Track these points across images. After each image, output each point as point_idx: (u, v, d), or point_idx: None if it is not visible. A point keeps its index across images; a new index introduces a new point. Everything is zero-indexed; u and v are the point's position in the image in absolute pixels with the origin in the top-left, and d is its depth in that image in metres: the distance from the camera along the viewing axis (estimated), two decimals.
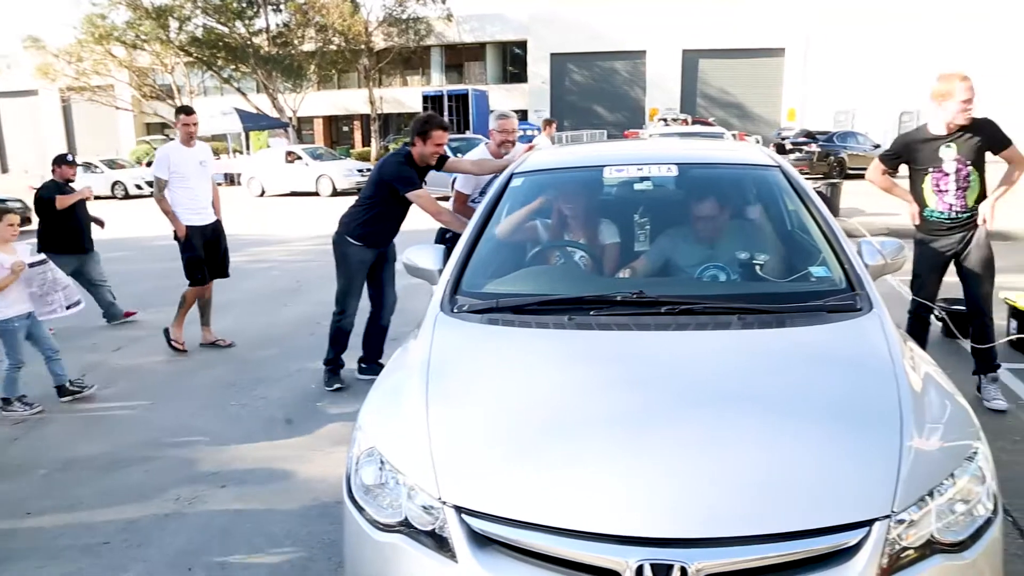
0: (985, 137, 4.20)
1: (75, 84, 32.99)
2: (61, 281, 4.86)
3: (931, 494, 1.82)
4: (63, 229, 6.68)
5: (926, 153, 4.32)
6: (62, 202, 6.57)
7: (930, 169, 4.31)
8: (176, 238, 5.93)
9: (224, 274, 6.25)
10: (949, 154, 4.24)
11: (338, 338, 5.09)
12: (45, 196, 6.66)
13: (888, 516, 1.74)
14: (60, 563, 3.09)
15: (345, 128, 44.23)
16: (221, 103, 32.22)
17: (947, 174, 4.26)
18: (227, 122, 26.49)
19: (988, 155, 4.27)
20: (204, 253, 6.01)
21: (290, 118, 32.62)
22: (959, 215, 4.30)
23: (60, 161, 6.90)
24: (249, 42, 32.10)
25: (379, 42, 36.02)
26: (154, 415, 4.73)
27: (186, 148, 5.93)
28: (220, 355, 5.95)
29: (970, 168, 4.23)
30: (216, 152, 30.18)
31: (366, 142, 40.17)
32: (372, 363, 5.07)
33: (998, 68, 30.31)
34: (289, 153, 23.23)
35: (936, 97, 4.22)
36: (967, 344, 4.99)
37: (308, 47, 34.13)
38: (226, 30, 32.03)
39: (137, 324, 6.99)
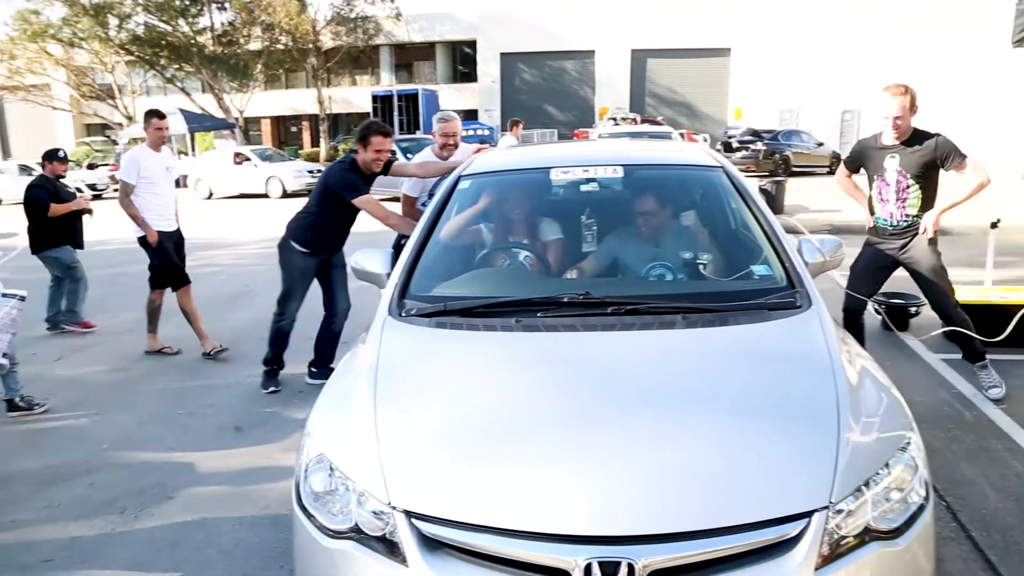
0: (930, 152, 4.27)
1: (8, 83, 31.82)
2: (16, 326, 4.62)
3: (867, 484, 1.89)
4: (57, 226, 6.51)
5: (875, 161, 4.45)
6: (55, 211, 6.39)
7: (875, 177, 4.45)
8: (145, 244, 5.78)
9: (184, 281, 6.06)
10: (892, 164, 4.37)
11: (277, 339, 5.06)
12: (38, 201, 6.42)
13: (827, 507, 1.80)
14: None
15: (293, 128, 43.64)
16: (165, 103, 31.44)
17: (888, 184, 4.40)
18: (171, 123, 25.89)
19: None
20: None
21: (236, 118, 32.00)
22: (899, 224, 4.42)
23: (51, 156, 6.66)
24: (193, 41, 31.38)
25: (327, 41, 35.57)
26: (98, 426, 4.61)
27: (155, 153, 5.81)
28: (166, 363, 5.83)
29: (911, 181, 4.33)
30: None
31: (315, 143, 39.68)
32: (323, 368, 5.03)
33: (940, 68, 31.34)
34: (237, 154, 22.81)
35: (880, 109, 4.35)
36: (906, 337, 5.18)
37: (254, 46, 33.50)
38: (169, 28, 31.23)
39: (80, 333, 6.80)
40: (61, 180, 6.68)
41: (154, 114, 5.86)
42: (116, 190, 26.76)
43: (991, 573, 2.83)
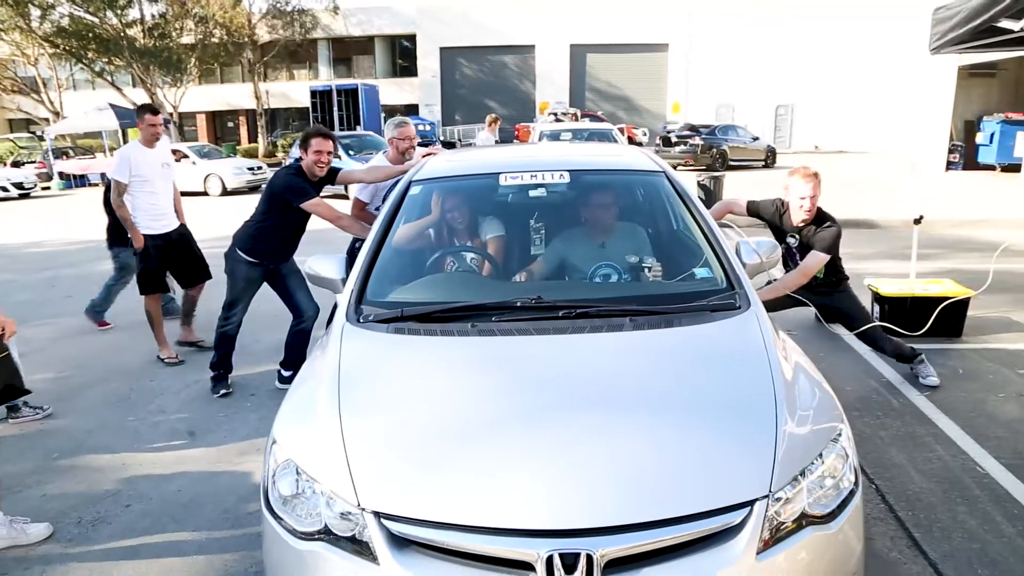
0: (817, 237, 4.65)
1: None
2: None
3: (803, 473, 2.06)
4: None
5: (778, 234, 4.88)
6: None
7: (781, 242, 4.83)
8: (131, 248, 5.69)
9: (206, 276, 5.96)
10: (792, 242, 4.81)
11: (222, 343, 5.05)
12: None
13: (767, 496, 1.96)
14: None
15: (230, 124, 42.70)
16: (94, 97, 30.48)
17: (793, 253, 4.84)
18: (102, 118, 25.05)
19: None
20: (173, 260, 5.80)
21: (171, 113, 31.17)
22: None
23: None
24: (122, 34, 30.40)
25: (263, 35, 34.95)
26: (47, 436, 4.54)
27: (148, 150, 5.60)
28: (113, 369, 5.73)
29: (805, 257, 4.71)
30: (91, 150, 28.58)
31: (252, 138, 38.95)
32: (295, 370, 5.00)
33: (871, 65, 32.49)
34: (174, 151, 22.25)
35: (784, 188, 4.74)
36: (837, 329, 5.45)
37: (187, 39, 32.67)
38: (96, 20, 30.20)
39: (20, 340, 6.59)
40: None
41: (147, 109, 5.61)
42: (46, 188, 25.55)
43: (915, 549, 3.07)
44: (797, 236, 4.76)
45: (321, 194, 4.78)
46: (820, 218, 4.69)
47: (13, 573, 3.13)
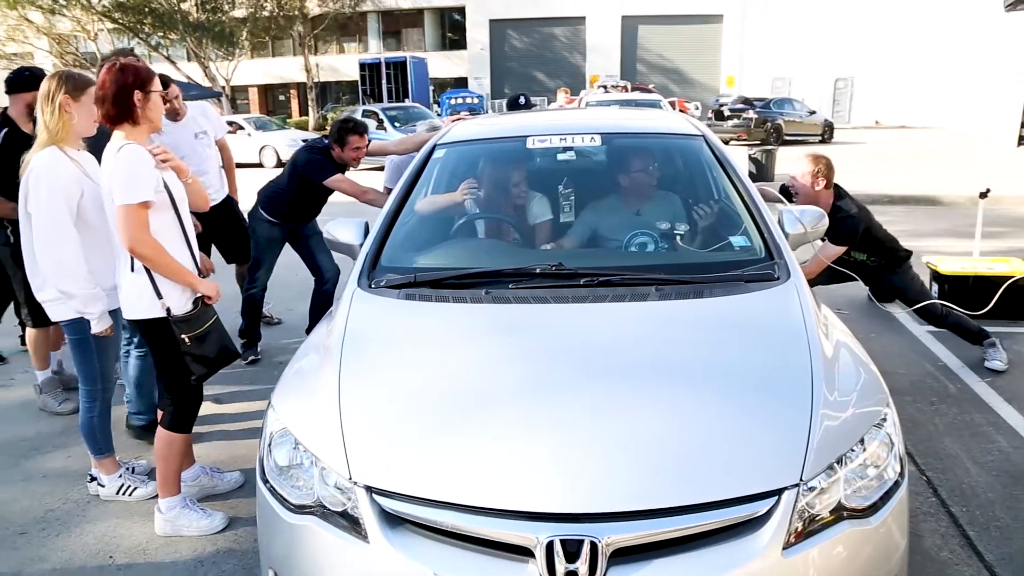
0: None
1: None
2: None
3: (840, 461, 1.85)
4: None
5: None
6: None
7: None
8: None
9: (246, 257, 5.20)
10: None
11: (249, 309, 5.03)
12: None
13: (797, 485, 1.75)
14: None
15: (281, 97, 43.10)
16: None
17: None
18: None
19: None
20: (217, 234, 5.07)
21: (223, 87, 31.56)
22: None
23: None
24: (177, 8, 30.78)
25: (314, 8, 34.99)
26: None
27: (172, 124, 4.89)
28: None
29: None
30: None
31: (303, 111, 39.23)
32: None
33: (937, 33, 31.14)
34: (230, 123, 22.44)
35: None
36: (892, 309, 5.14)
37: (239, 13, 32.94)
38: None
39: None
40: None
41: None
42: None
43: (969, 549, 2.80)
44: None
45: (357, 169, 4.70)
46: (836, 208, 4.31)
47: (32, 531, 3.11)
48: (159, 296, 2.76)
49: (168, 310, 2.77)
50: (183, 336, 2.79)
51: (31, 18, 30.65)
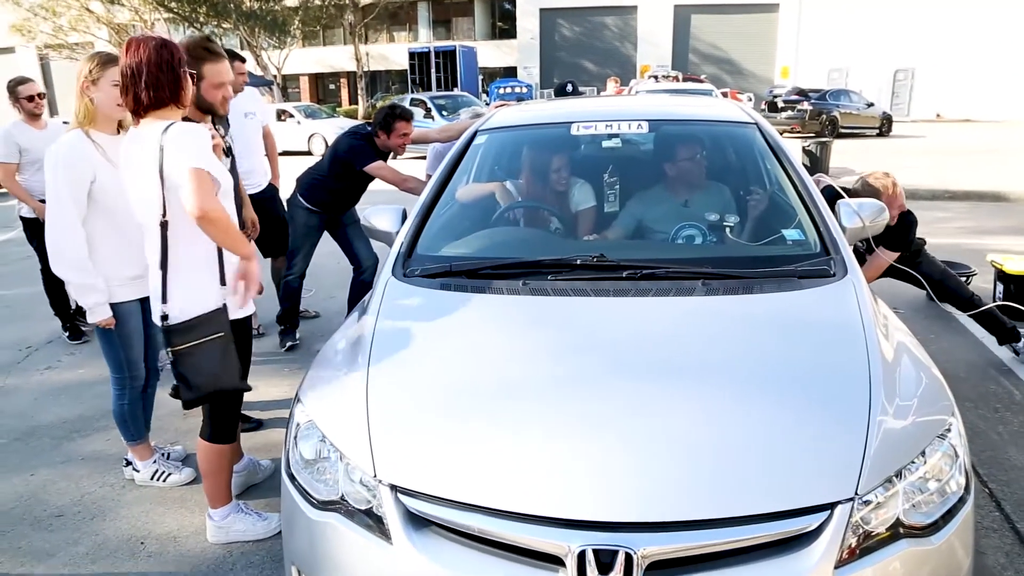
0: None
1: (53, 42, 32.09)
2: None
3: (899, 474, 1.71)
4: None
5: None
6: None
7: None
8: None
9: (284, 250, 5.07)
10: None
11: (286, 294, 5.00)
12: None
13: (852, 499, 1.62)
14: (7, 538, 2.98)
15: (332, 86, 43.52)
16: None
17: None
18: None
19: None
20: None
21: (275, 75, 31.97)
22: None
23: None
24: None
25: None
26: None
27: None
28: None
29: None
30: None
31: (353, 100, 39.53)
32: None
33: (1003, 23, 29.95)
34: (280, 111, 22.67)
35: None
36: (953, 309, 4.89)
37: (291, 2, 33.32)
38: None
39: None
40: None
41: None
42: None
43: None
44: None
45: (399, 157, 4.64)
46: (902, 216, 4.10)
47: (67, 515, 3.12)
48: (163, 300, 2.50)
49: (164, 317, 2.50)
50: (167, 348, 2.51)
51: (92, 8, 31.44)
